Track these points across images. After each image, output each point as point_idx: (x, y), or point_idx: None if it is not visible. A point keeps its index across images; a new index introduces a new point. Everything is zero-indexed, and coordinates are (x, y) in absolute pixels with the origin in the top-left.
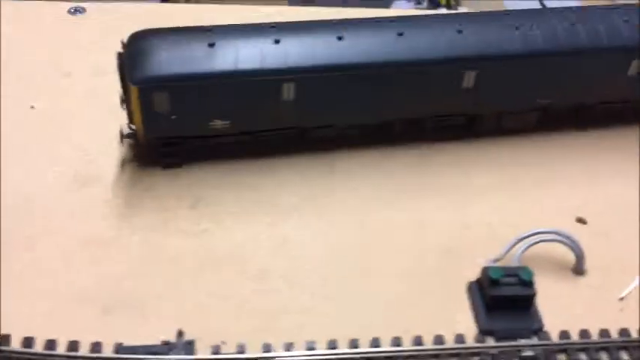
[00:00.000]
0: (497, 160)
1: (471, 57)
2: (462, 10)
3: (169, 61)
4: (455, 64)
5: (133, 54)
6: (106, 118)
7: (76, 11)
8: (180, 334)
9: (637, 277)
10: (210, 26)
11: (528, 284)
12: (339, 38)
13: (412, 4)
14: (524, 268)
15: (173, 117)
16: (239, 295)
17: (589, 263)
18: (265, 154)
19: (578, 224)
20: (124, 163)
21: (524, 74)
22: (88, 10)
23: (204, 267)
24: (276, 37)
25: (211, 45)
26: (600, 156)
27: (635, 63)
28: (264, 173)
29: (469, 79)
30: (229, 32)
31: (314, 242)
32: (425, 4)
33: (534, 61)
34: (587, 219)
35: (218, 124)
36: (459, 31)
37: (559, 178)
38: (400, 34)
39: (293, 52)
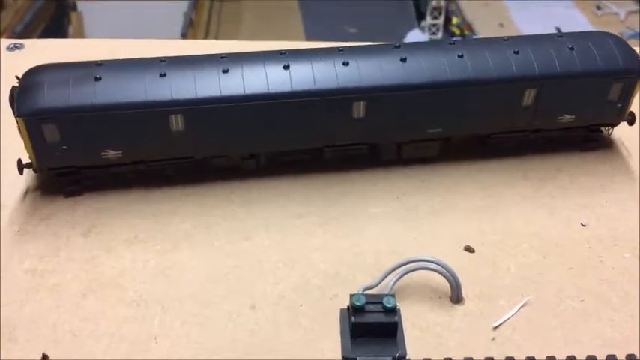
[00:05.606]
0: (395, 189)
1: (359, 88)
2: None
3: (57, 93)
4: (344, 94)
5: (24, 88)
6: (18, 149)
7: (15, 47)
8: (44, 357)
9: (516, 306)
10: (100, 61)
11: (391, 311)
12: (225, 71)
13: (427, 35)
14: (389, 296)
15: (64, 148)
16: (113, 322)
17: (471, 291)
18: (165, 183)
19: (466, 252)
20: (27, 193)
21: (412, 106)
22: (26, 46)
23: (86, 294)
24: (162, 71)
25: (98, 79)
26: (500, 186)
27: (528, 92)
28: (161, 202)
29: (359, 109)
30: (117, 66)
31: (197, 269)
32: (440, 34)
33: (420, 92)
34: (479, 248)
35: (110, 154)
36: (345, 63)
37: (455, 207)
38: (286, 67)
39: (179, 85)
